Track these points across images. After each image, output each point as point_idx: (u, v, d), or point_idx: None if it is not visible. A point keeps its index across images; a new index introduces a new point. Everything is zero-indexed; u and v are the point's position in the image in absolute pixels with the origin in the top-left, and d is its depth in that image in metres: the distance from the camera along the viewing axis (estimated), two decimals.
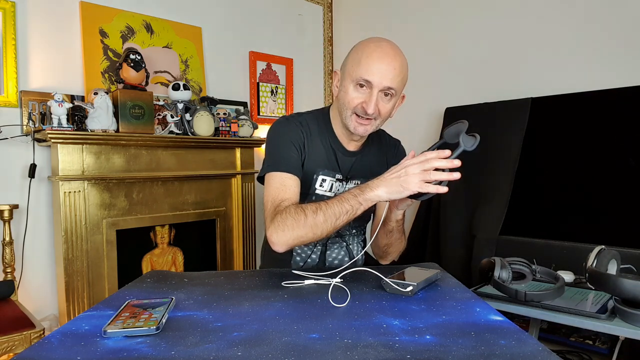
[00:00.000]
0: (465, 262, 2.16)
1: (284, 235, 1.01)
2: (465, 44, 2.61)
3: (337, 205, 0.98)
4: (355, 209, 0.98)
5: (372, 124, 1.13)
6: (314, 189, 1.20)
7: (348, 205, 0.97)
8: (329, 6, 3.35)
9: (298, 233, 1.00)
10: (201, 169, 2.39)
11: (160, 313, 0.75)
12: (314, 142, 1.20)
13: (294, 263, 1.26)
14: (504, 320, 0.75)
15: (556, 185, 2.04)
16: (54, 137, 1.87)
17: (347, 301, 0.85)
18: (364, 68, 1.07)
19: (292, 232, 1.00)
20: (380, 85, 1.08)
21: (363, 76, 1.07)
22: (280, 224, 1.01)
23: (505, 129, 2.22)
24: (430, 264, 1.11)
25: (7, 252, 1.87)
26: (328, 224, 0.99)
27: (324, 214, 0.98)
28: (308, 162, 1.18)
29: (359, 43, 1.14)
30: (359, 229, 1.33)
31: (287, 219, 1.01)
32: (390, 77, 1.08)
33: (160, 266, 2.30)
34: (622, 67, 2.04)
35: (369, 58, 1.08)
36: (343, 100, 1.13)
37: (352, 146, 1.24)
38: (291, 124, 1.19)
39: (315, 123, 1.22)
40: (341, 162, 1.22)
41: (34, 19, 2.06)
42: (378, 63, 1.07)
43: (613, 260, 1.32)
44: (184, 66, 2.55)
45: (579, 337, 1.95)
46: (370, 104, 1.08)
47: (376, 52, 1.08)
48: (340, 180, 1.23)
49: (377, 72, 1.07)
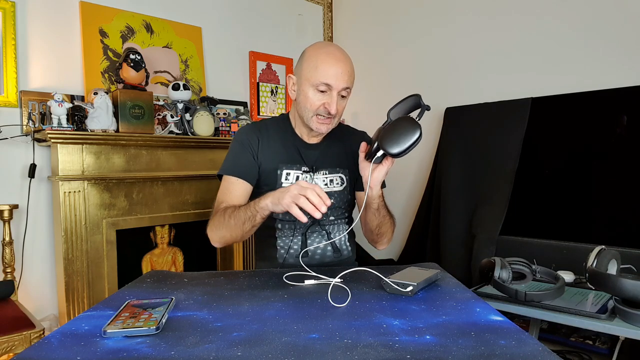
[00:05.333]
0: (465, 262, 2.16)
1: (212, 233, 1.17)
2: (465, 44, 2.61)
3: (243, 212, 1.10)
4: (253, 215, 1.07)
5: (332, 122, 1.24)
6: (280, 183, 1.27)
7: (249, 212, 1.08)
8: (329, 6, 3.35)
9: (221, 232, 1.15)
10: (201, 169, 2.39)
11: (160, 313, 0.75)
12: (273, 142, 1.29)
13: (278, 256, 1.28)
14: (504, 320, 0.75)
15: (556, 185, 2.04)
16: (54, 137, 1.87)
17: (347, 301, 0.85)
18: (322, 73, 1.17)
19: (218, 231, 1.16)
20: (339, 87, 1.18)
21: (323, 80, 1.16)
22: (212, 223, 1.18)
23: (505, 129, 2.22)
24: (430, 264, 1.11)
25: (7, 252, 1.87)
26: (238, 227, 1.11)
27: (234, 218, 1.11)
28: (268, 161, 1.27)
29: (310, 49, 1.23)
30: (338, 219, 1.34)
31: (214, 219, 1.17)
32: (346, 78, 1.18)
33: (160, 266, 2.30)
34: (622, 67, 2.04)
35: (325, 63, 1.17)
36: (304, 104, 1.22)
37: (313, 140, 1.33)
38: (249, 130, 1.31)
39: (275, 125, 1.33)
40: (305, 155, 1.30)
41: (34, 19, 2.06)
42: (334, 67, 1.17)
43: (613, 260, 1.32)
44: (183, 66, 2.55)
45: (579, 337, 1.95)
46: (332, 104, 1.18)
47: (330, 57, 1.18)
48: (307, 172, 1.29)
49: (335, 75, 1.17)
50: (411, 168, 2.86)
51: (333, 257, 1.30)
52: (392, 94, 2.99)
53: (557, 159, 2.08)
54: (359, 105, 3.07)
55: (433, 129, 2.68)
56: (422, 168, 2.78)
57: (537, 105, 2.17)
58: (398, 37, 2.97)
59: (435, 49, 2.76)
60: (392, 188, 2.73)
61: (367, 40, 3.14)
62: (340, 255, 1.32)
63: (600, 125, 1.98)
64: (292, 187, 0.98)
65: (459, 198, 2.31)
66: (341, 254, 1.32)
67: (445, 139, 2.50)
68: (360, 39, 3.19)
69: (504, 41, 2.45)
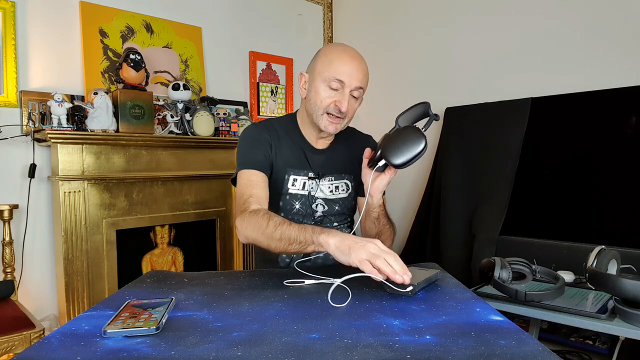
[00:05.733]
0: (465, 262, 2.16)
1: (246, 230, 1.08)
2: (465, 44, 2.61)
3: (296, 231, 1.00)
4: (307, 243, 0.98)
5: (342, 123, 1.19)
6: (286, 189, 1.25)
7: (303, 236, 0.98)
8: (329, 6, 3.35)
9: (256, 236, 1.06)
10: (201, 169, 2.39)
11: (160, 313, 0.75)
12: (282, 144, 1.25)
13: (280, 260, 1.28)
14: (504, 320, 0.75)
15: (556, 185, 2.04)
16: (54, 137, 1.87)
17: (347, 301, 0.85)
18: (336, 69, 1.13)
19: (252, 232, 1.07)
20: (352, 85, 1.14)
21: (336, 76, 1.13)
22: (247, 220, 1.08)
23: (505, 129, 2.22)
24: (430, 264, 1.11)
25: (7, 252, 1.87)
26: (282, 243, 1.01)
27: (281, 233, 1.01)
28: (278, 163, 1.24)
29: (325, 47, 1.21)
30: (341, 224, 1.34)
31: (253, 219, 1.07)
32: (360, 77, 1.15)
33: (160, 266, 2.30)
34: (622, 67, 2.03)
35: (340, 60, 1.14)
36: (314, 100, 1.18)
37: (320, 144, 1.29)
38: (258, 128, 1.26)
39: (283, 126, 1.29)
40: (311, 160, 1.26)
41: (34, 19, 2.06)
42: (349, 64, 1.14)
43: (613, 260, 1.32)
44: (183, 66, 2.55)
45: (579, 337, 1.95)
46: (343, 102, 1.14)
47: (345, 54, 1.16)
48: (313, 178, 1.26)
49: (349, 72, 1.14)
50: (411, 168, 2.84)
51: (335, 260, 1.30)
52: (392, 94, 2.99)
53: (557, 159, 2.08)
54: None
55: (433, 129, 2.67)
56: (422, 168, 2.78)
57: (537, 105, 2.17)
58: (398, 37, 2.96)
59: (436, 49, 2.76)
60: (393, 188, 2.73)
61: (367, 40, 3.14)
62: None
63: (600, 125, 1.98)
64: (370, 246, 0.90)
65: (459, 198, 2.31)
66: None
67: (445, 139, 2.50)
68: (360, 38, 3.19)
69: (504, 41, 2.45)
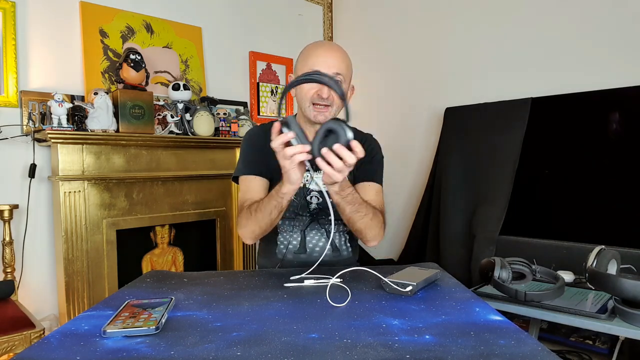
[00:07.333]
0: (465, 262, 2.16)
1: (243, 230, 1.21)
2: (465, 44, 2.61)
3: (267, 202, 1.13)
4: (279, 203, 1.10)
5: (329, 111, 1.24)
6: None
7: (273, 201, 1.11)
8: (329, 6, 3.35)
9: (251, 227, 1.18)
10: (201, 169, 2.39)
11: (159, 313, 0.75)
12: None
13: (278, 252, 1.31)
14: (503, 320, 0.75)
15: (556, 185, 2.04)
16: (54, 137, 1.87)
17: (346, 301, 0.85)
18: (311, 61, 1.21)
19: (247, 228, 1.19)
20: (329, 72, 1.19)
21: (312, 67, 1.19)
22: (240, 222, 1.22)
23: (505, 129, 2.22)
24: (430, 264, 1.11)
25: (7, 252, 1.87)
26: (266, 218, 1.14)
27: (261, 211, 1.14)
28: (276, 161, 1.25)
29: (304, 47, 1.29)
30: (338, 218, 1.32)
31: (242, 217, 1.21)
32: (336, 63, 1.21)
33: (160, 266, 2.30)
34: (622, 67, 2.03)
35: (314, 53, 1.23)
36: (300, 95, 1.24)
37: None
38: (257, 131, 1.34)
39: None
40: None
41: (34, 19, 2.06)
42: (323, 55, 1.22)
43: (613, 260, 1.32)
44: (184, 66, 2.55)
45: (579, 337, 1.95)
46: (323, 89, 1.19)
47: (319, 47, 1.24)
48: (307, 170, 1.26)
49: (323, 61, 1.21)
50: (411, 168, 2.86)
51: (332, 256, 1.31)
52: (392, 94, 2.99)
53: (556, 159, 2.08)
54: (357, 104, 3.07)
55: (433, 129, 2.68)
56: (422, 168, 2.78)
57: (537, 105, 2.17)
58: (398, 36, 2.96)
59: (435, 49, 2.76)
60: (393, 188, 2.74)
61: (366, 40, 3.14)
62: (339, 254, 1.33)
63: (600, 125, 1.98)
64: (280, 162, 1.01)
65: (459, 198, 2.31)
66: (340, 254, 1.33)
67: (445, 139, 2.50)
68: (360, 38, 3.19)
69: (504, 41, 2.45)
